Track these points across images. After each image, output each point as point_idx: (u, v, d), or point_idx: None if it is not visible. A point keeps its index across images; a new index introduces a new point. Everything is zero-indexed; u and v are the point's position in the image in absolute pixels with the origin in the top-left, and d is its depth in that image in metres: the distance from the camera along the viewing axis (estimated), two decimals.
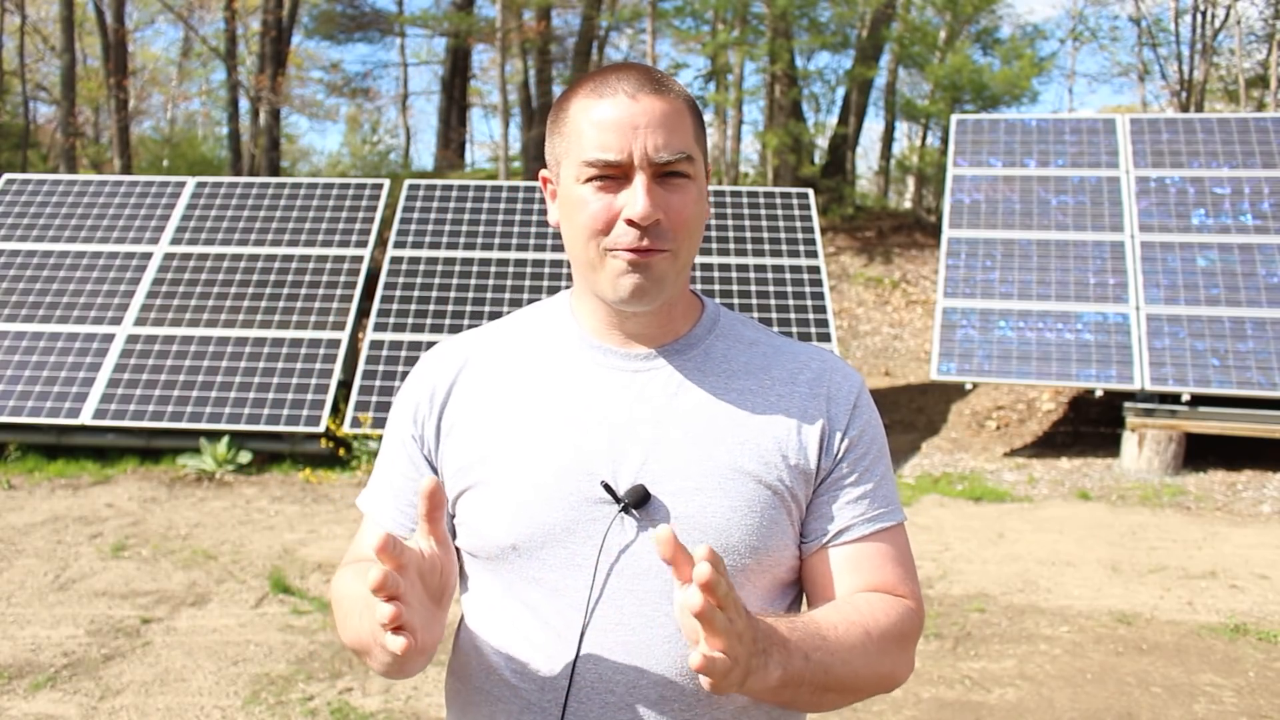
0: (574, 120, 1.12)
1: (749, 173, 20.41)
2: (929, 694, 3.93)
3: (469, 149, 27.25)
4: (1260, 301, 8.08)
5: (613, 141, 1.08)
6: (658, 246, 1.09)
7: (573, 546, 1.11)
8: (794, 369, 1.20)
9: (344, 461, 7.82)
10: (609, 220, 1.09)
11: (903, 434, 9.24)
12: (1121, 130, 9.41)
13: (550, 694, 1.11)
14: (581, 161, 1.10)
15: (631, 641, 1.09)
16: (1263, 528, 6.51)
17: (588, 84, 1.13)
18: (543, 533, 1.11)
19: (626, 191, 1.09)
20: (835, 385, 1.20)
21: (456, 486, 1.17)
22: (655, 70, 1.14)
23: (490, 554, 1.15)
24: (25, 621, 4.56)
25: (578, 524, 1.11)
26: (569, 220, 1.13)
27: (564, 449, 1.13)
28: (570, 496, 1.11)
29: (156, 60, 25.89)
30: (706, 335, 1.21)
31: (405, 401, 1.23)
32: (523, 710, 1.12)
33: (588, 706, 1.09)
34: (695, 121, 1.14)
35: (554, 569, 1.11)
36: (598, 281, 1.13)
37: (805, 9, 16.43)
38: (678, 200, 1.10)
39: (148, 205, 9.35)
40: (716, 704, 1.11)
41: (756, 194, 9.46)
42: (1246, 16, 19.65)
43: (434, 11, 23.78)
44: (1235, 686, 4.03)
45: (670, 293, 1.14)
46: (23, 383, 7.92)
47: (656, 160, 1.08)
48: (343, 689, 3.90)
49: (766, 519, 1.12)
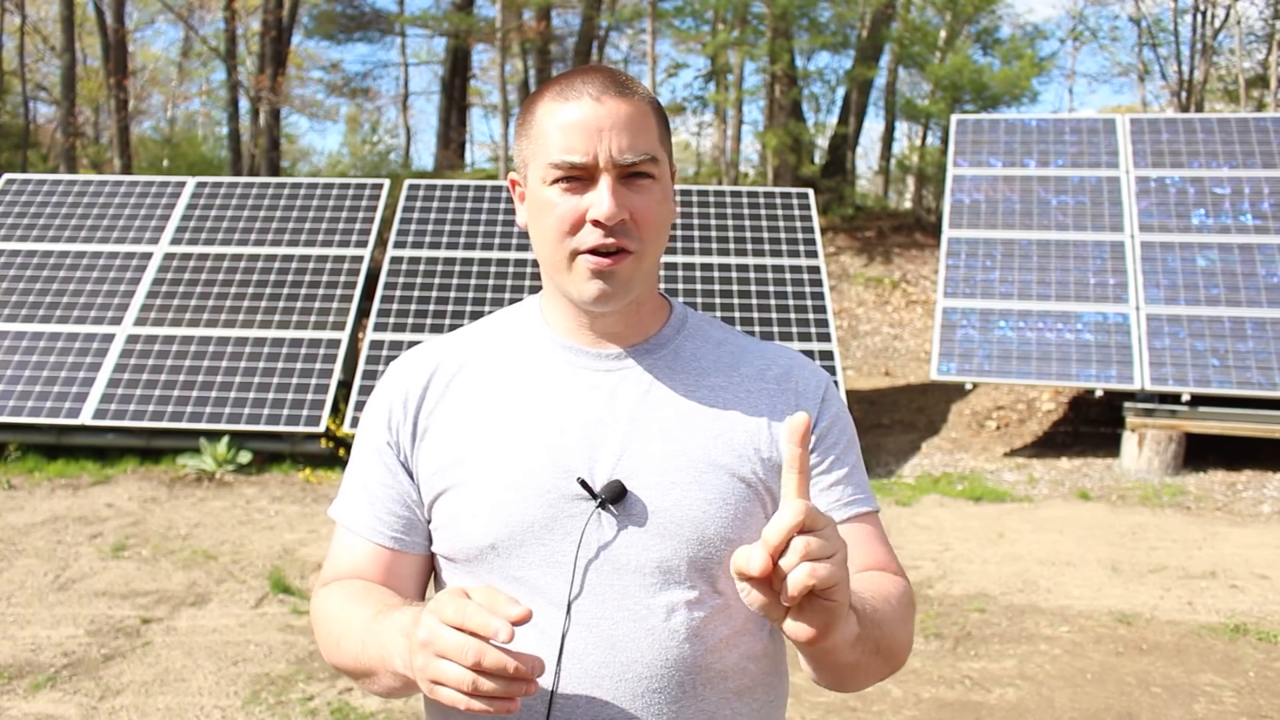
0: (540, 123, 1.14)
1: (749, 173, 20.41)
2: (929, 694, 3.93)
3: (469, 149, 27.26)
4: (1260, 301, 8.08)
5: (578, 144, 1.10)
6: (624, 245, 1.11)
7: (551, 544, 1.12)
8: (761, 366, 1.23)
9: (344, 461, 7.81)
10: (576, 221, 1.11)
11: (903, 434, 9.24)
12: (1121, 130, 9.41)
13: (535, 691, 1.11)
14: (548, 164, 1.12)
15: (615, 635, 1.10)
16: (1263, 528, 6.51)
17: (553, 87, 1.15)
18: (520, 531, 1.12)
19: (592, 193, 1.11)
20: (803, 380, 1.23)
21: (433, 490, 1.18)
22: (620, 73, 1.16)
23: (468, 555, 1.15)
24: (25, 621, 4.56)
25: (555, 521, 1.12)
26: (536, 222, 1.16)
27: (538, 448, 1.14)
28: (547, 494, 1.12)
29: (156, 60, 25.90)
30: (675, 335, 1.23)
31: (377, 409, 1.23)
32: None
33: (573, 702, 1.09)
34: (660, 123, 1.16)
35: (533, 567, 1.12)
36: (565, 283, 1.15)
37: (805, 9, 16.43)
38: (642, 200, 1.12)
39: (148, 205, 9.35)
40: (700, 695, 1.12)
41: (756, 194, 9.46)
42: (1246, 16, 19.67)
43: (434, 11, 23.79)
44: (1235, 686, 4.03)
45: (637, 292, 1.16)
46: (23, 383, 7.93)
47: (621, 162, 1.10)
48: (343, 689, 3.90)
49: (741, 511, 1.14)
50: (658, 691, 1.10)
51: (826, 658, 1.02)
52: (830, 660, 1.03)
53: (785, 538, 0.88)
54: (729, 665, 1.13)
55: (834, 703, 3.82)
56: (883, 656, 1.09)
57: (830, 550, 0.89)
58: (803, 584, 0.87)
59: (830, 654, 1.00)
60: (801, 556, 0.88)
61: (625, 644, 1.10)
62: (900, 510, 6.92)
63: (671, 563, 1.11)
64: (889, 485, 7.61)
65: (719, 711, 1.13)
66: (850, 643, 0.99)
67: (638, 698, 1.10)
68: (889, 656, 1.11)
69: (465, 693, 0.91)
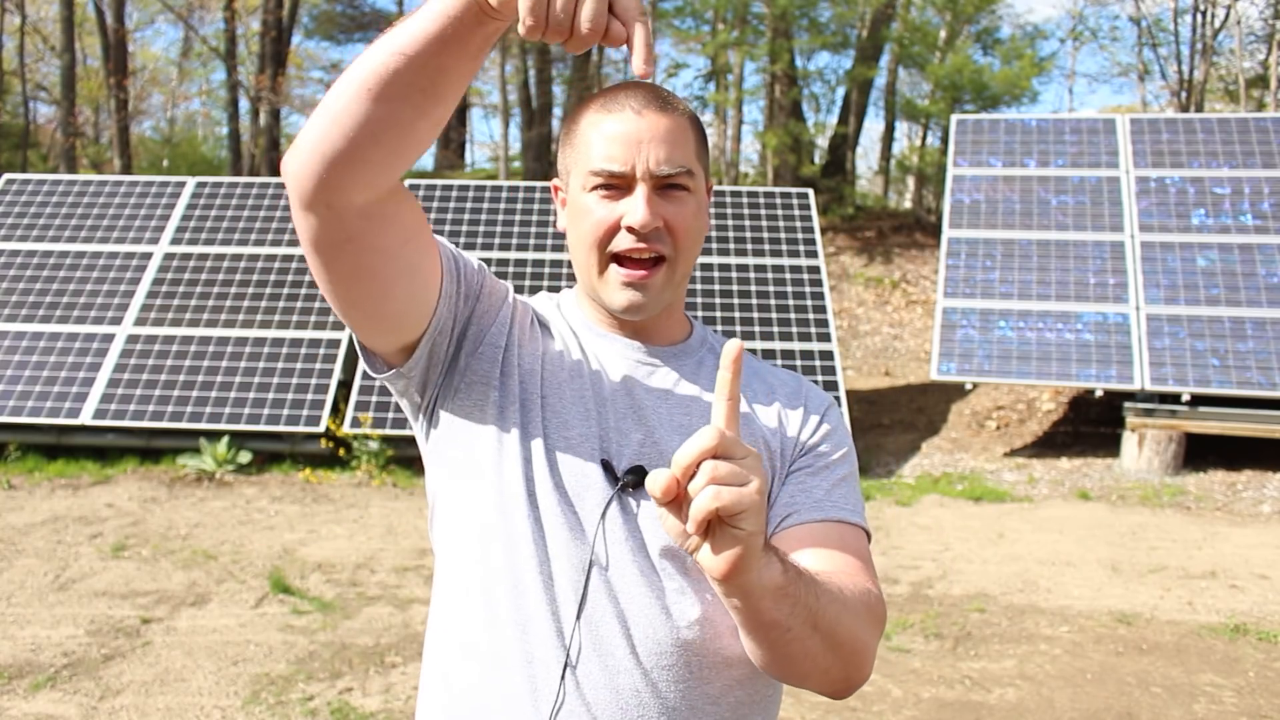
0: (584, 133, 1.20)
1: (749, 173, 20.41)
2: (929, 694, 3.93)
3: (469, 149, 27.25)
4: (1260, 301, 8.08)
5: (618, 153, 1.15)
6: (658, 250, 1.17)
7: (580, 514, 1.16)
8: (774, 383, 1.30)
9: (344, 461, 7.82)
10: (612, 227, 1.17)
11: (903, 434, 9.24)
12: (1121, 130, 9.41)
13: (554, 656, 1.13)
14: (588, 171, 1.17)
15: (630, 610, 1.13)
16: (1263, 528, 6.51)
17: (599, 100, 1.21)
18: (555, 492, 1.16)
19: (628, 200, 1.16)
20: (810, 397, 1.30)
21: (475, 399, 1.20)
22: (663, 89, 1.22)
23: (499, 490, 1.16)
24: (25, 621, 4.56)
25: (587, 491, 1.17)
26: (575, 226, 1.21)
27: (578, 419, 1.19)
28: (581, 466, 1.17)
29: (156, 60, 25.90)
30: (699, 348, 1.31)
31: (528, 302, 1.29)
32: (528, 662, 1.13)
33: (590, 667, 1.12)
34: (698, 139, 1.22)
35: (560, 528, 1.15)
36: (599, 289, 1.21)
37: (805, 9, 16.45)
38: (676, 211, 1.17)
39: (148, 205, 9.35)
40: (706, 679, 1.14)
41: (756, 194, 9.46)
42: (1246, 16, 19.66)
43: None
44: (1235, 686, 4.03)
45: (668, 300, 1.22)
46: (23, 383, 7.92)
47: (658, 173, 1.15)
48: (343, 689, 3.90)
49: None
50: (667, 669, 1.13)
51: (753, 613, 0.98)
52: (757, 617, 0.98)
53: (694, 461, 0.87)
54: (735, 654, 1.15)
55: (833, 702, 3.82)
56: (823, 638, 1.03)
57: (741, 479, 0.87)
58: (705, 508, 0.86)
59: (753, 602, 0.96)
60: (708, 480, 0.86)
61: (640, 619, 1.13)
62: (900, 510, 6.92)
63: (683, 550, 1.12)
64: (889, 485, 7.61)
65: (723, 697, 1.16)
66: (771, 591, 0.95)
67: (648, 673, 1.12)
68: (833, 643, 1.04)
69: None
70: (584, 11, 0.88)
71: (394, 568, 5.46)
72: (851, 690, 1.12)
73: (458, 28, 0.94)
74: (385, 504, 6.89)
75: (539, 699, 1.11)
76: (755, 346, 8.14)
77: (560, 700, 1.11)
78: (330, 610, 4.77)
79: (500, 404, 1.19)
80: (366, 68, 0.98)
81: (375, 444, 7.63)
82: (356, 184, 1.02)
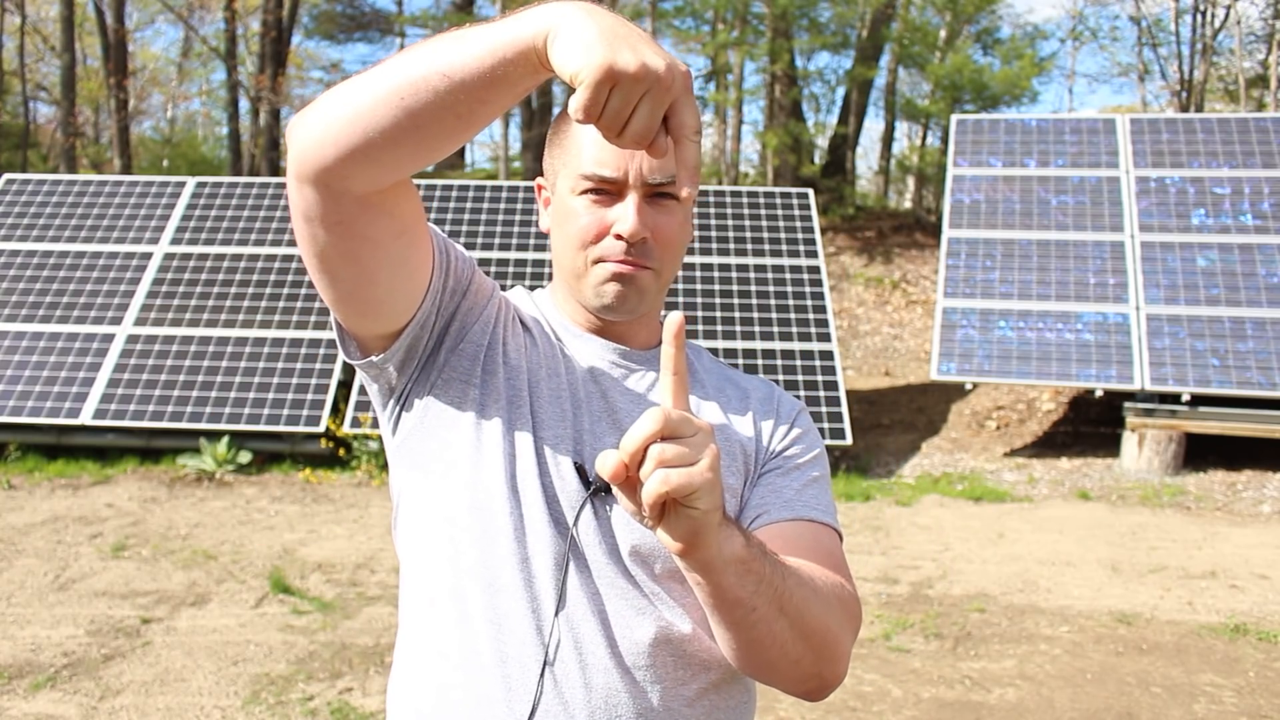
0: (574, 135, 1.18)
1: (749, 173, 20.42)
2: (929, 694, 3.93)
3: (469, 149, 27.22)
4: (1260, 301, 8.08)
5: (610, 159, 1.14)
6: (642, 263, 1.16)
7: (554, 512, 1.15)
8: (746, 389, 1.30)
9: (344, 461, 7.82)
10: (599, 232, 1.16)
11: (903, 434, 9.24)
12: (1121, 130, 9.41)
13: (531, 655, 1.12)
14: (579, 174, 1.16)
15: (606, 611, 1.13)
16: (1263, 528, 6.51)
17: None
18: (536, 488, 1.15)
19: (619, 206, 1.15)
20: (782, 402, 1.30)
21: (452, 395, 1.18)
22: None
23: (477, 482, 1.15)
24: (25, 621, 4.56)
25: (562, 493, 1.16)
26: (560, 228, 1.20)
27: (553, 422, 1.18)
28: (557, 467, 1.16)
29: (156, 60, 25.90)
30: None
31: (509, 298, 1.28)
32: (502, 661, 1.12)
33: (567, 666, 1.11)
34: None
35: (539, 524, 1.14)
36: (582, 289, 1.20)
37: (805, 9, 16.45)
38: (664, 221, 1.16)
39: (148, 205, 9.35)
40: (683, 682, 1.14)
41: (756, 194, 9.46)
42: (1246, 16, 19.67)
43: (433, 11, 23.80)
44: (1235, 686, 4.03)
45: (650, 305, 1.21)
46: (23, 383, 7.92)
47: (650, 181, 1.14)
48: (343, 689, 3.90)
49: (729, 508, 1.16)
50: (644, 670, 1.12)
51: (717, 590, 0.97)
52: (721, 595, 0.97)
53: (640, 445, 0.86)
54: (713, 657, 1.15)
55: (834, 702, 3.82)
56: (791, 622, 1.01)
57: (690, 458, 0.87)
58: (655, 492, 0.85)
59: (715, 577, 0.95)
60: (656, 464, 0.86)
61: (617, 620, 1.13)
62: (900, 510, 6.92)
63: (659, 551, 1.14)
64: (889, 485, 7.61)
65: (699, 700, 1.15)
66: (733, 564, 0.95)
67: (626, 674, 1.12)
68: (803, 630, 1.03)
69: None
70: (635, 122, 0.87)
71: (394, 568, 5.46)
72: (826, 689, 1.10)
73: (509, 70, 0.92)
74: (385, 504, 6.89)
75: (513, 699, 1.10)
76: (755, 346, 8.14)
77: (538, 699, 1.10)
78: (330, 610, 4.77)
79: (480, 401, 1.18)
80: (404, 76, 0.94)
81: (375, 444, 7.63)
82: (362, 177, 1.00)
